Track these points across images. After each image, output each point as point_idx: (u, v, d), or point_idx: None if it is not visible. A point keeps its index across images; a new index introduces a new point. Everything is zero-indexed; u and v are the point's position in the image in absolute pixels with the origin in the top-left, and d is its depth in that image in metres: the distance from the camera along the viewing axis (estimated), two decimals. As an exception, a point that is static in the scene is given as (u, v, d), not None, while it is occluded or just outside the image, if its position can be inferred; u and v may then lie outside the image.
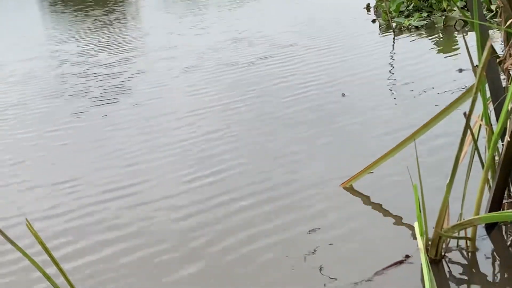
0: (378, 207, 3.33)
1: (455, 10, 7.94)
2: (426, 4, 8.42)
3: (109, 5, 14.11)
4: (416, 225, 2.78)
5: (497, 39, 5.92)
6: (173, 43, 8.56)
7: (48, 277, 1.98)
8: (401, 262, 2.79)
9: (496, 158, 2.90)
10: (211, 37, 8.71)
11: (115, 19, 11.67)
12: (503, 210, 2.92)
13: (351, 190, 3.53)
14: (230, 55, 7.36)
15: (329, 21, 9.20)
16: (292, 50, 7.30)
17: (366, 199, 3.42)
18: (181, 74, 6.71)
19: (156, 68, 7.16)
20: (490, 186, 2.92)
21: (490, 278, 2.64)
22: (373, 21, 8.84)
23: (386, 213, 3.26)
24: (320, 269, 2.80)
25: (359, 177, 3.52)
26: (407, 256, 2.81)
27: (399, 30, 7.93)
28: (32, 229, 1.92)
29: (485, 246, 2.84)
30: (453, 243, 2.85)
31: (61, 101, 6.19)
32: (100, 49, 8.73)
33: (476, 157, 2.86)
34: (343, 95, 5.34)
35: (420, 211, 2.69)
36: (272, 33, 8.53)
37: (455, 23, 7.74)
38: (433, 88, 5.22)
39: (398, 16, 8.26)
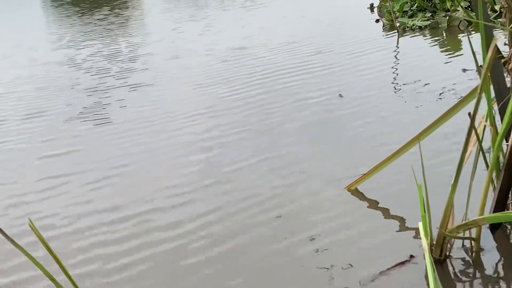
0: (383, 208, 3.34)
1: (459, 10, 7.94)
2: (430, 4, 8.42)
3: (112, 7, 14.11)
4: (420, 225, 2.78)
5: (501, 40, 5.92)
6: (183, 50, 8.14)
7: None
8: (405, 262, 2.79)
9: (501, 158, 2.90)
10: (223, 44, 8.24)
11: (119, 23, 11.44)
12: (507, 210, 2.92)
13: (356, 192, 3.53)
14: (239, 65, 6.91)
15: (332, 21, 9.21)
16: (295, 51, 7.32)
17: (371, 201, 3.43)
18: (194, 86, 6.19)
19: (168, 80, 6.60)
20: (494, 187, 2.92)
21: (494, 278, 2.64)
22: (377, 21, 8.85)
23: (391, 213, 3.27)
24: (325, 269, 2.81)
25: (364, 179, 3.52)
26: (412, 256, 2.82)
27: (403, 30, 7.93)
28: (35, 230, 1.93)
29: (489, 246, 2.85)
30: (457, 243, 2.85)
31: (61, 117, 5.60)
32: (104, 56, 8.26)
33: (480, 158, 2.86)
34: (340, 95, 5.33)
35: (424, 212, 2.70)
36: (278, 35, 8.54)
37: (459, 23, 7.74)
38: (437, 88, 5.22)
39: (401, 16, 8.26)
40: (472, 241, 2.82)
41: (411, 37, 7.58)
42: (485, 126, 2.92)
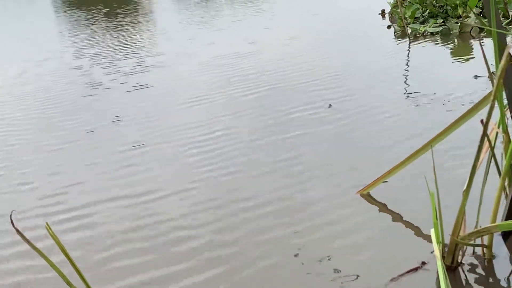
0: (394, 214, 3.33)
1: (470, 17, 7.92)
2: (441, 11, 8.41)
3: (122, 13, 14.15)
4: (432, 232, 2.77)
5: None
6: (200, 65, 7.62)
7: None
8: (417, 269, 2.79)
9: (513, 165, 2.89)
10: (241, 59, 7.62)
11: (129, 34, 11.34)
12: (520, 217, 2.91)
13: (367, 197, 3.53)
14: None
15: (342, 27, 9.22)
16: (302, 56, 7.33)
17: (383, 206, 3.42)
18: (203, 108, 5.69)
19: (182, 108, 5.85)
20: (507, 194, 2.91)
21: (506, 286, 2.63)
22: (388, 27, 8.85)
23: (403, 220, 3.26)
24: (336, 275, 2.80)
25: (376, 184, 3.52)
26: (423, 263, 2.81)
27: (414, 37, 7.92)
28: (52, 234, 1.95)
29: (501, 253, 2.84)
30: (469, 250, 2.84)
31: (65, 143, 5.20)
32: (107, 78, 7.55)
33: (493, 165, 2.85)
34: (330, 106, 5.30)
35: (436, 219, 2.69)
36: (288, 38, 8.55)
37: (471, 30, 7.72)
38: (449, 95, 5.21)
39: (413, 22, 8.26)
40: (484, 248, 2.81)
41: (422, 43, 7.57)
42: (497, 133, 2.91)
